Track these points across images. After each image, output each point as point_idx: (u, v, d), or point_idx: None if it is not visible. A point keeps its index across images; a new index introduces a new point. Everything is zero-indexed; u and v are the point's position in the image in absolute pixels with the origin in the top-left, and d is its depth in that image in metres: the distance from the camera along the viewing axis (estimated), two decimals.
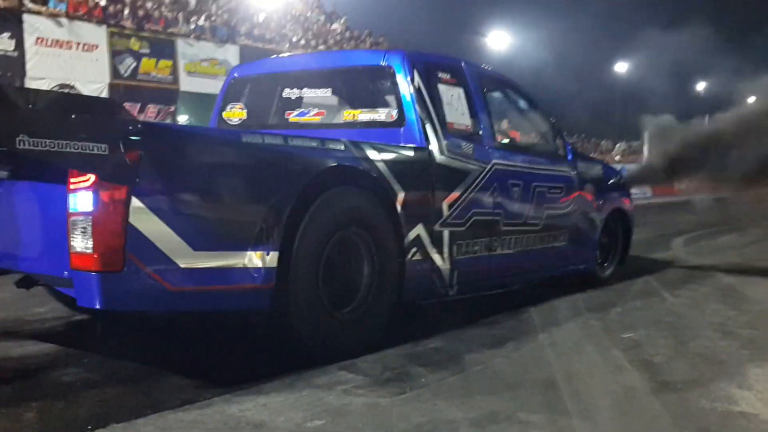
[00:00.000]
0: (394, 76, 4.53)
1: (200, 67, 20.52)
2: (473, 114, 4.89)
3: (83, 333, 4.50)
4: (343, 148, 3.95)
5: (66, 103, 3.30)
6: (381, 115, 4.60)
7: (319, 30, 25.50)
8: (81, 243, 2.96)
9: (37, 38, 17.33)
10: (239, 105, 5.28)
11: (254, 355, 4.01)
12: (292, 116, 5.02)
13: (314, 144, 3.84)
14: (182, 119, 20.48)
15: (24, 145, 2.64)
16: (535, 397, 3.27)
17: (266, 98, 5.27)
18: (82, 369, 3.66)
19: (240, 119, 5.24)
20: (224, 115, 5.31)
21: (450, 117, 4.69)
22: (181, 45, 20.13)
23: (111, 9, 18.76)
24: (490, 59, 33.22)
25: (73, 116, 2.86)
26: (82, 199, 2.95)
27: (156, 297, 3.14)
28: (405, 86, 4.49)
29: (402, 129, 4.45)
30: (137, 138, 2.98)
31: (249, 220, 3.43)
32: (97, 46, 18.39)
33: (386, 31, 28.62)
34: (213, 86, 20.32)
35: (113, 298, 3.01)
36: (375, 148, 4.10)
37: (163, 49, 19.74)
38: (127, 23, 19.00)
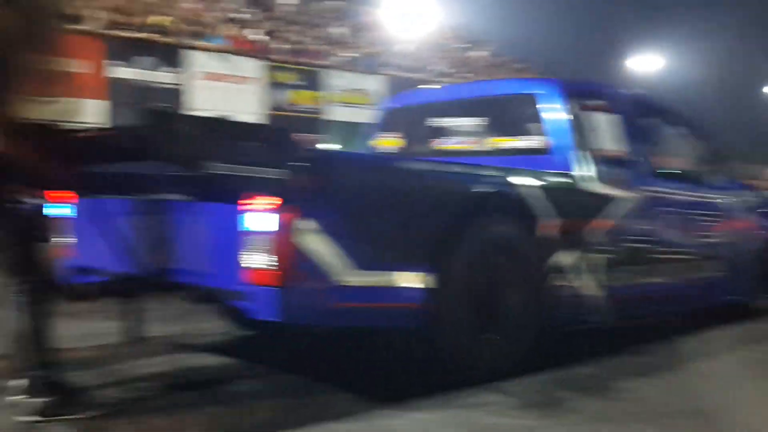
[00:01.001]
0: (545, 103, 4.64)
1: (348, 98, 21.29)
2: (626, 140, 4.89)
3: (248, 347, 4.84)
4: (498, 174, 4.10)
5: (239, 129, 3.61)
6: (532, 142, 4.69)
7: (462, 58, 25.79)
8: (255, 260, 3.20)
9: (198, 72, 18.64)
10: (392, 134, 5.51)
11: (404, 373, 4.15)
12: (444, 145, 5.20)
13: (471, 171, 4.02)
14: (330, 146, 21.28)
15: (212, 169, 2.94)
16: (688, 427, 3.23)
17: (418, 127, 5.46)
18: (254, 380, 3.99)
19: (393, 147, 5.48)
20: (378, 143, 5.57)
21: (601, 143, 4.73)
22: (330, 76, 21.00)
23: (269, 44, 19.87)
24: (637, 82, 32.22)
25: (251, 143, 3.18)
26: (256, 219, 3.19)
27: (320, 312, 3.36)
28: (556, 113, 4.58)
29: (553, 156, 4.54)
30: (308, 163, 3.23)
31: (407, 242, 3.61)
32: (254, 79, 19.53)
33: (528, 57, 28.43)
34: (359, 115, 21.01)
35: (282, 312, 3.23)
36: (528, 175, 4.19)
37: (314, 80, 20.67)
38: (283, 57, 20.05)
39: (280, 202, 3.14)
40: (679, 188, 5.25)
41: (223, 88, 18.95)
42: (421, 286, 3.61)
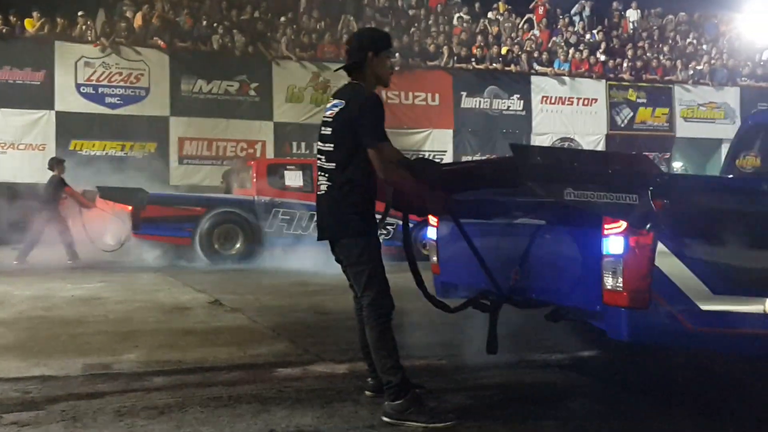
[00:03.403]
0: None
1: (697, 112, 20.11)
2: None
3: (597, 367, 4.84)
4: None
5: (596, 158, 3.74)
6: None
7: None
8: (612, 282, 3.29)
9: (543, 97, 19.05)
10: (753, 153, 5.21)
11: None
12: None
13: None
14: (677, 165, 20.29)
15: (570, 196, 3.09)
16: None
17: None
18: (596, 401, 3.99)
19: (753, 167, 5.15)
20: (738, 163, 5.27)
21: None
22: (678, 91, 20.04)
23: (610, 63, 19.64)
24: None
25: (609, 170, 3.32)
26: (614, 243, 3.29)
27: (675, 334, 3.37)
28: None
29: None
30: (662, 188, 3.28)
31: (763, 268, 3.44)
32: (596, 100, 19.43)
33: None
34: (710, 131, 19.72)
35: (638, 333, 3.34)
36: None
37: (660, 97, 19.89)
38: (626, 75, 19.66)
39: (631, 226, 3.23)
40: None
41: (565, 111, 19.16)
42: None
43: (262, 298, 7.77)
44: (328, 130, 3.63)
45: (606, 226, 3.31)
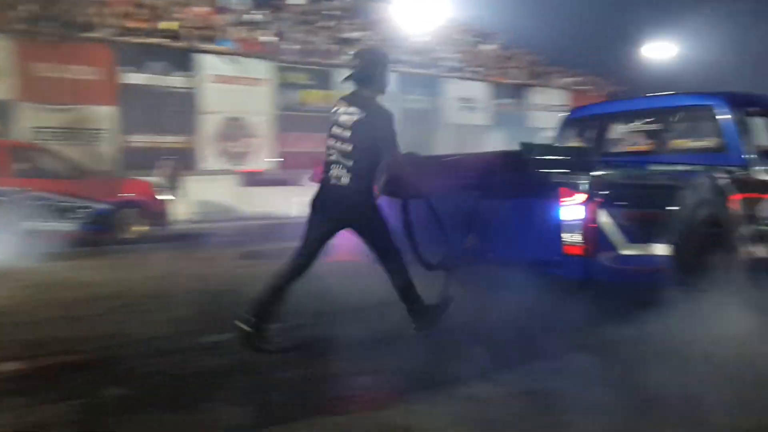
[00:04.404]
0: (720, 111, 5.79)
1: None
2: None
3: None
4: (706, 170, 5.35)
5: (558, 152, 5.37)
6: (708, 143, 6.00)
7: (473, 52, 25.77)
8: (570, 238, 4.66)
9: (211, 75, 18.80)
10: (576, 139, 6.92)
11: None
12: (632, 147, 6.65)
13: (691, 169, 5.41)
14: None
15: (556, 177, 4.61)
16: None
17: (598, 133, 6.89)
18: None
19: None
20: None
21: (761, 141, 5.83)
22: (338, 75, 21.07)
23: (279, 45, 20.00)
24: (652, 69, 32.04)
25: (575, 160, 4.79)
26: (571, 210, 4.66)
27: (609, 272, 4.75)
28: (726, 120, 5.75)
29: (726, 153, 5.70)
30: (594, 168, 4.69)
31: (654, 223, 4.92)
32: (264, 80, 19.68)
33: (539, 48, 28.30)
34: None
35: (587, 273, 4.69)
36: (715, 170, 5.36)
37: (325, 80, 20.75)
38: (292, 57, 20.18)
39: (586, 198, 4.61)
40: None
41: (234, 91, 19.12)
42: (665, 253, 4.91)
43: None
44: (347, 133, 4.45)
45: (567, 198, 4.65)
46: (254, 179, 19.36)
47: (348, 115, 4.46)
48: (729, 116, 5.72)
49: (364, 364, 4.12)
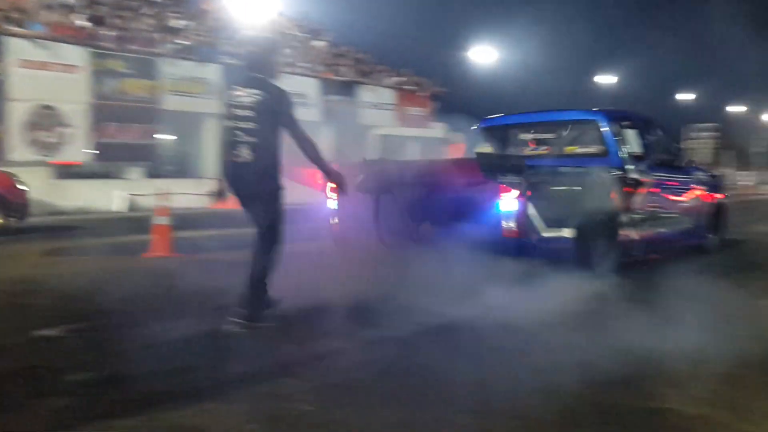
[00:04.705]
0: (599, 125, 7.20)
1: (181, 86, 20.62)
2: (641, 145, 7.45)
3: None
4: (591, 170, 6.76)
5: (498, 158, 7.09)
6: (593, 149, 7.27)
7: (304, 48, 25.67)
8: (507, 224, 5.92)
9: (18, 60, 17.46)
10: (488, 144, 8.27)
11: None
12: (532, 151, 7.82)
13: (588, 169, 6.76)
14: (165, 137, 20.61)
15: (501, 179, 5.92)
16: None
17: (505, 140, 8.24)
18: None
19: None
20: (477, 151, 7.80)
21: (632, 148, 7.26)
22: (164, 65, 20.26)
23: (94, 30, 18.88)
24: (475, 73, 33.47)
25: (510, 164, 6.15)
26: (508, 202, 5.92)
27: (534, 250, 6.00)
28: (606, 131, 7.14)
29: (608, 158, 7.04)
30: (524, 171, 5.93)
31: (565, 212, 6.23)
32: (78, 67, 18.52)
33: (368, 47, 28.77)
34: (194, 105, 20.28)
35: (520, 251, 5.95)
36: (601, 170, 6.77)
37: (145, 68, 19.86)
38: (110, 44, 19.13)
39: (519, 194, 5.88)
40: (667, 172, 7.81)
41: (45, 77, 17.86)
42: (570, 236, 6.24)
43: None
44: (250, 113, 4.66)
45: (506, 194, 5.92)
46: (71, 172, 18.23)
47: (249, 96, 4.68)
48: (608, 128, 7.13)
49: (163, 365, 3.90)
